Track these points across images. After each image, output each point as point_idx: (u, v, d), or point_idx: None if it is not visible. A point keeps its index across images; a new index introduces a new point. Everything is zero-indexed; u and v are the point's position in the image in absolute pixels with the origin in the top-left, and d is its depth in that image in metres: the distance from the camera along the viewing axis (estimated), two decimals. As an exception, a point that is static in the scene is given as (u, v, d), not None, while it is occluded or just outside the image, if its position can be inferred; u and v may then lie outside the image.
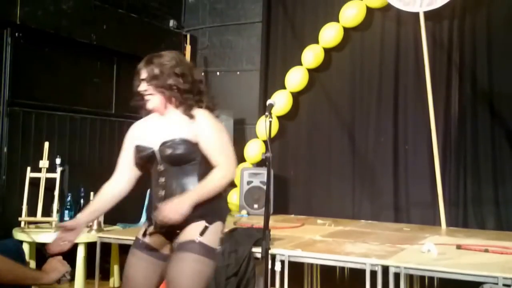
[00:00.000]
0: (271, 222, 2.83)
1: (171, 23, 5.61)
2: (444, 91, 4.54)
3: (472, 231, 4.09)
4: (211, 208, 2.05)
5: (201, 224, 2.02)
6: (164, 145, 2.05)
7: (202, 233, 2.00)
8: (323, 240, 3.52)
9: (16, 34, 4.06)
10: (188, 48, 5.53)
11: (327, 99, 5.06)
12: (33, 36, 4.17)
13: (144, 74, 2.10)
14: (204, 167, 2.06)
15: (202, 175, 2.05)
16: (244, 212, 4.72)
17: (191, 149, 2.04)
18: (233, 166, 2.09)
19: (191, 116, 2.08)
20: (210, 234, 2.03)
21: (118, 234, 3.64)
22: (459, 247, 3.23)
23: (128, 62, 5.04)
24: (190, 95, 2.11)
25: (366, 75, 4.91)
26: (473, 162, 4.43)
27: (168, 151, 2.04)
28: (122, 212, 4.49)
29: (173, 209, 1.93)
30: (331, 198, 4.90)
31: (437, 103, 4.35)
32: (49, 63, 4.37)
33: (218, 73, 5.71)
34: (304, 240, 3.47)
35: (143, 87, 2.10)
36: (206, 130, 2.07)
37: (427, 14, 4.32)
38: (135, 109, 5.32)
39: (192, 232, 2.01)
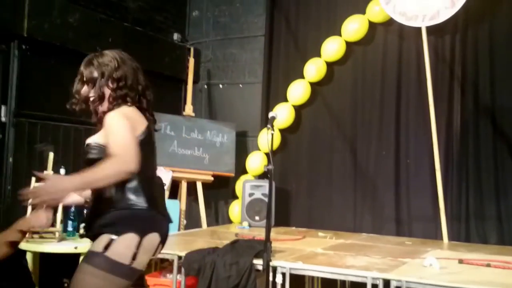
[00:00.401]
0: (272, 234, 2.85)
1: (175, 36, 5.68)
2: (446, 105, 4.56)
3: (474, 246, 4.08)
4: (122, 218, 1.93)
5: (108, 236, 1.90)
6: (85, 148, 2.09)
7: (106, 246, 1.88)
8: (325, 253, 3.53)
9: (23, 46, 4.11)
10: (191, 61, 5.59)
11: (329, 112, 5.09)
12: (39, 49, 4.23)
13: (83, 75, 2.10)
14: None
15: None
16: (245, 223, 4.73)
17: (105, 153, 1.95)
18: (127, 157, 1.87)
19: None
20: (118, 247, 1.88)
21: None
22: (461, 261, 3.22)
23: (132, 74, 5.12)
24: (121, 101, 2.07)
25: (368, 89, 4.94)
26: (475, 176, 4.44)
27: (85, 155, 2.06)
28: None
29: (46, 188, 1.77)
30: (332, 210, 4.91)
31: (439, 117, 4.37)
32: (55, 75, 4.41)
33: (220, 85, 5.76)
34: (305, 253, 3.47)
35: (79, 88, 2.10)
36: (107, 128, 1.99)
37: (430, 28, 4.36)
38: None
39: (97, 243, 1.90)
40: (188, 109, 5.39)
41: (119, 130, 1.95)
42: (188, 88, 5.50)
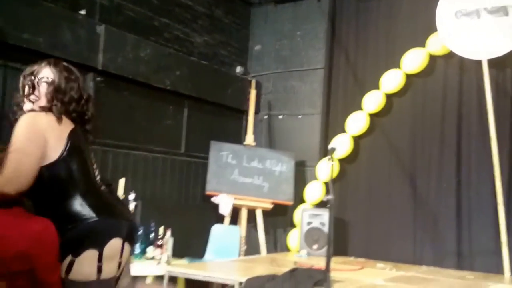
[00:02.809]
0: (331, 264, 2.91)
1: (238, 69, 5.93)
2: (508, 138, 4.48)
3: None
4: (76, 236, 1.85)
5: (68, 258, 1.84)
6: None
7: (68, 270, 1.84)
8: (385, 284, 3.53)
9: (98, 78, 4.39)
10: (253, 92, 5.80)
11: (388, 143, 5.12)
12: (113, 81, 4.49)
13: (43, 73, 2.02)
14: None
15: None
16: (303, 252, 4.79)
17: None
18: (18, 173, 1.80)
19: None
20: (80, 268, 1.84)
21: (184, 268, 3.82)
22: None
23: (197, 105, 5.40)
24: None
25: (428, 121, 4.94)
26: (540, 210, 4.31)
27: None
28: (189, 247, 4.74)
29: None
30: (391, 242, 4.88)
31: (501, 150, 4.31)
32: (127, 106, 4.70)
33: (280, 116, 5.93)
34: (364, 284, 3.49)
35: (33, 84, 2.01)
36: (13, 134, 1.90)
37: (491, 61, 4.35)
38: (202, 150, 5.62)
39: (62, 266, 1.85)
40: (249, 138, 5.58)
41: (15, 139, 1.86)
42: (249, 118, 5.71)
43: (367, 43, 5.34)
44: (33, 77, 2.02)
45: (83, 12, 4.24)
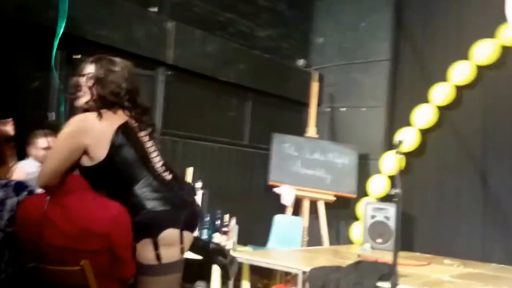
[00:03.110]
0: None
1: (300, 62, 5.95)
2: None
3: None
4: (135, 225, 1.98)
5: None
6: None
7: (133, 253, 2.01)
8: (452, 281, 3.47)
9: (168, 72, 4.58)
10: (315, 85, 5.81)
11: (457, 137, 4.98)
12: (181, 75, 4.67)
13: (87, 70, 2.09)
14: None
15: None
16: (367, 245, 4.77)
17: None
18: (42, 173, 2.00)
19: None
20: (141, 253, 2.00)
21: (250, 255, 3.91)
22: None
23: (260, 98, 5.48)
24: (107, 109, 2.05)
25: (500, 114, 4.76)
26: None
27: None
28: (252, 235, 4.85)
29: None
30: (458, 238, 4.77)
31: None
32: (194, 99, 4.87)
33: (343, 108, 5.90)
34: (431, 280, 3.45)
35: (80, 82, 2.09)
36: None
37: None
38: (264, 141, 5.71)
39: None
40: (311, 131, 5.61)
41: (55, 143, 2.07)
42: (311, 111, 5.73)
43: (435, 33, 5.21)
44: (79, 75, 2.10)
45: (154, 9, 4.42)
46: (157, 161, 2.12)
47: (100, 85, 2.05)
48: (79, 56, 3.86)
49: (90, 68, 2.09)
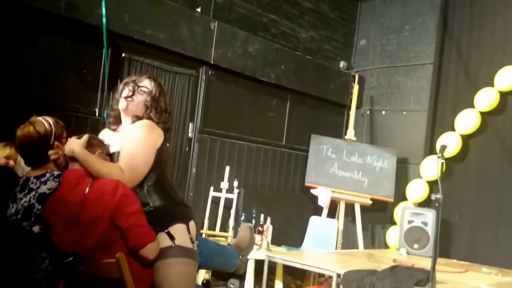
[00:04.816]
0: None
1: (342, 64, 5.94)
2: None
3: None
4: (168, 213, 2.18)
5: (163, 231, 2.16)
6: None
7: (171, 238, 2.15)
8: (490, 289, 3.40)
9: (210, 72, 4.67)
10: (356, 87, 5.78)
11: (501, 144, 4.85)
12: (222, 74, 4.76)
13: (143, 83, 2.30)
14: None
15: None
16: (403, 250, 4.71)
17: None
18: (128, 177, 2.09)
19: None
20: (180, 237, 2.15)
21: (284, 255, 3.94)
22: None
23: (300, 99, 5.50)
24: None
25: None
26: None
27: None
28: (286, 235, 4.89)
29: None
30: (498, 246, 4.64)
31: None
32: (234, 98, 4.94)
33: (383, 112, 5.84)
34: (468, 287, 3.39)
35: (135, 89, 2.28)
36: (129, 135, 2.18)
37: None
38: (302, 142, 5.74)
39: (159, 238, 2.15)
40: (350, 133, 5.58)
41: (137, 146, 2.15)
42: (351, 113, 5.71)
43: (482, 38, 5.08)
44: (134, 84, 2.30)
45: (198, 9, 4.51)
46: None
47: (155, 101, 2.29)
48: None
49: (146, 83, 2.32)
